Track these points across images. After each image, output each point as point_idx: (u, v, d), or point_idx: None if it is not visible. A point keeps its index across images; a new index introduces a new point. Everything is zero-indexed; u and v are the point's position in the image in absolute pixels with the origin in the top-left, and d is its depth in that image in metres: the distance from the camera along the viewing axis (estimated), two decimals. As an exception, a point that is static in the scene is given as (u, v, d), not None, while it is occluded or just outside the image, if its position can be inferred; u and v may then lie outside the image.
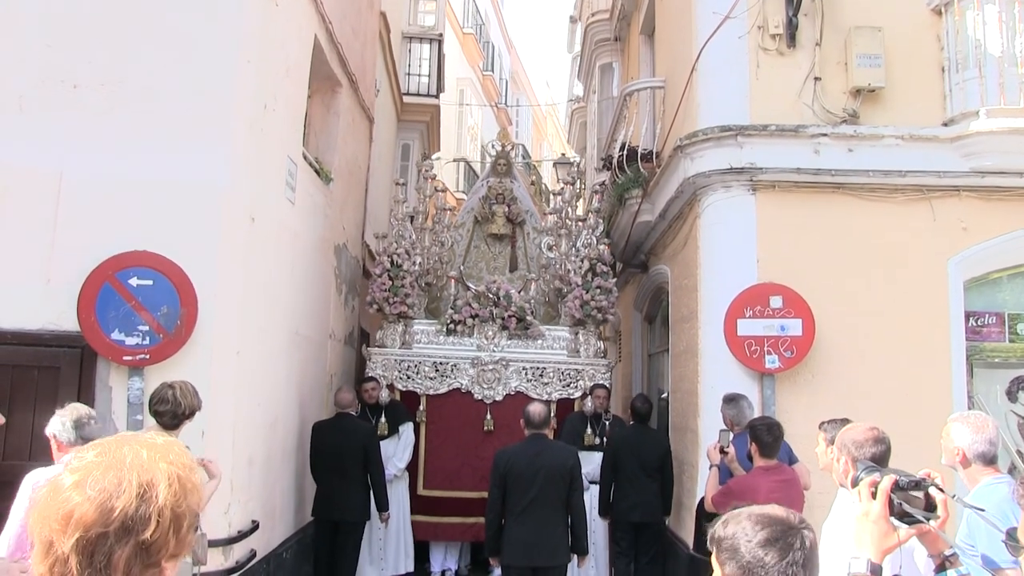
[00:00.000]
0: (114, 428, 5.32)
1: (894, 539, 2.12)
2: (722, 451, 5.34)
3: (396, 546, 8.11)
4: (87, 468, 1.32)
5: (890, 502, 2.11)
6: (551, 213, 9.63)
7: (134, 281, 5.32)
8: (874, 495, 2.14)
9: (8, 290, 5.30)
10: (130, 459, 1.34)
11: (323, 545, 7.39)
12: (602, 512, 7.47)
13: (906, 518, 2.12)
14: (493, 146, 10.18)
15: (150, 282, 5.33)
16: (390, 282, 8.62)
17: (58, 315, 5.30)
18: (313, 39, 7.50)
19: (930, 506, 2.13)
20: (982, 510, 2.59)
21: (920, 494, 2.14)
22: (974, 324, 6.96)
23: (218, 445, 5.47)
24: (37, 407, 5.19)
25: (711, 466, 5.35)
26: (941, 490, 2.15)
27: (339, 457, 7.26)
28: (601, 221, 9.38)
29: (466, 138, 23.33)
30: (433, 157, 16.69)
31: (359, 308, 10.26)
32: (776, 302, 6.65)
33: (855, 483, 2.25)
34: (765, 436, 4.77)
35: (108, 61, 5.57)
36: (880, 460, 3.11)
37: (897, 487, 2.12)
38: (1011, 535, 2.46)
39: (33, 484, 3.84)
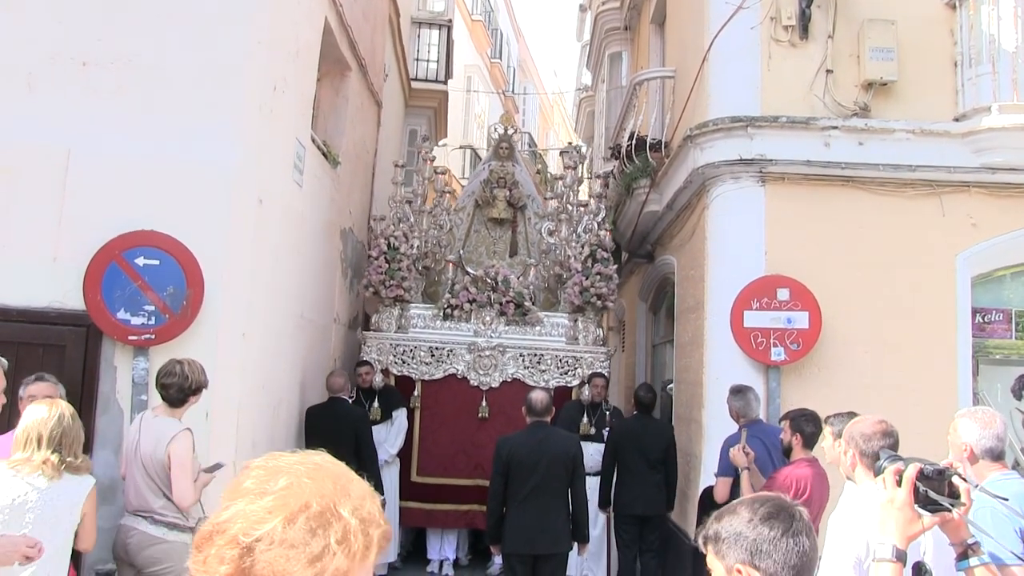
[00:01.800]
0: (118, 408, 5.33)
1: (918, 526, 2.17)
2: (745, 452, 5.27)
3: None
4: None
5: (915, 490, 2.15)
6: (552, 198, 9.52)
7: (141, 261, 5.31)
8: (899, 483, 2.18)
9: (15, 268, 5.29)
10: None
11: None
12: (602, 504, 7.36)
13: (931, 506, 2.16)
14: (496, 129, 10.00)
15: (157, 262, 5.32)
16: (387, 265, 8.51)
17: (64, 293, 5.30)
18: (324, 22, 7.47)
19: (953, 494, 2.17)
20: (1005, 499, 2.62)
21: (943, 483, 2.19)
22: (980, 320, 6.95)
23: (222, 426, 5.48)
24: (42, 385, 5.22)
25: (741, 469, 5.22)
26: (964, 479, 2.20)
27: (331, 442, 7.08)
28: (603, 207, 9.25)
29: (473, 125, 23.28)
30: (439, 143, 16.66)
31: (363, 293, 10.25)
32: (783, 294, 6.64)
33: (878, 471, 2.29)
34: (809, 427, 4.73)
35: (118, 39, 5.54)
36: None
37: (922, 475, 2.16)
38: None
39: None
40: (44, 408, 3.69)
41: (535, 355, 8.44)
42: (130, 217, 5.36)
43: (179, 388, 4.56)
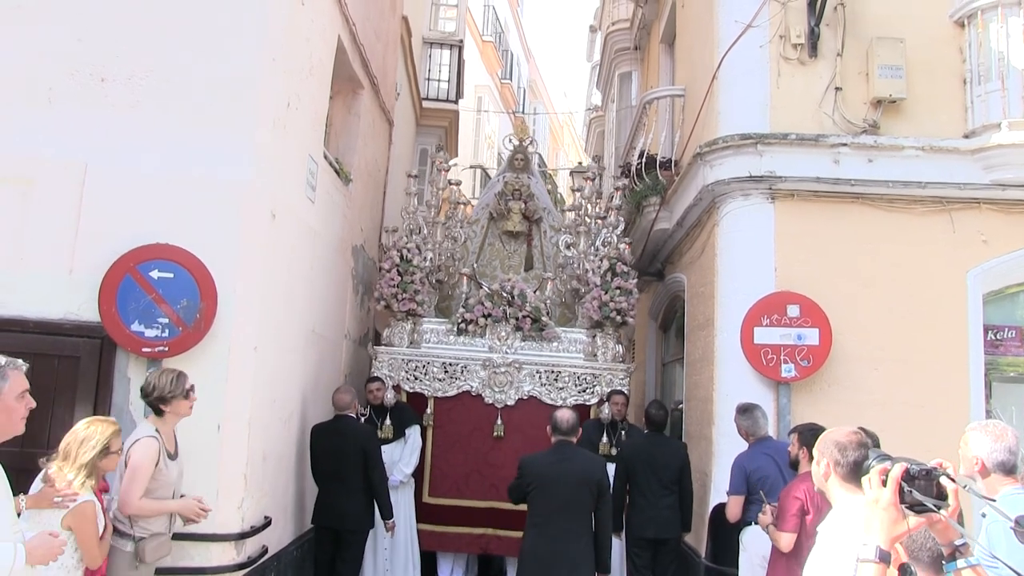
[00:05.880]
0: (131, 419, 5.36)
1: (904, 527, 2.13)
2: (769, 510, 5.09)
3: (404, 557, 7.67)
4: None
5: (900, 490, 2.11)
6: (570, 210, 9.35)
7: (155, 274, 5.36)
8: (884, 483, 2.14)
9: (31, 279, 5.36)
10: None
11: (323, 554, 7.03)
12: (614, 527, 6.82)
13: (916, 506, 2.11)
14: (510, 140, 9.79)
15: (171, 275, 5.37)
16: (399, 277, 8.31)
17: (79, 305, 5.36)
18: (337, 40, 7.55)
19: (941, 495, 2.12)
20: (993, 500, 2.57)
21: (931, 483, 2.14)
22: (993, 337, 6.93)
23: (233, 439, 5.51)
24: (56, 396, 5.27)
25: (765, 526, 4.91)
26: (952, 479, 2.14)
27: (338, 461, 6.88)
28: (621, 219, 9.01)
29: (483, 146, 23.40)
30: (450, 163, 16.74)
31: (374, 310, 10.26)
32: (793, 311, 6.64)
33: (865, 471, 2.24)
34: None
35: (135, 56, 5.63)
36: (862, 463, 3.02)
37: (908, 475, 2.12)
38: (1020, 522, 2.41)
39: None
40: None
41: (552, 372, 8.18)
42: (145, 230, 5.43)
43: (147, 396, 4.60)
